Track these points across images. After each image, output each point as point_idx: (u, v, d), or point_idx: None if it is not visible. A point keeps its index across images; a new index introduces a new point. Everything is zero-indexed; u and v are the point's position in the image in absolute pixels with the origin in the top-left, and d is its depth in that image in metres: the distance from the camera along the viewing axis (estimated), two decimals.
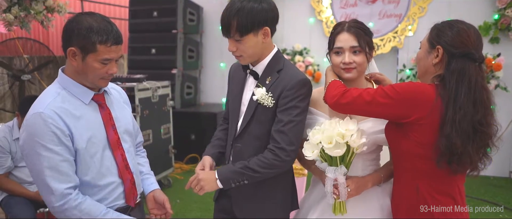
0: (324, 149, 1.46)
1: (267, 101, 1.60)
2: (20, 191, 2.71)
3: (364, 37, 1.59)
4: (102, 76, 1.49)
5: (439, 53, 1.42)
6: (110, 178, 1.54)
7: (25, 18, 3.52)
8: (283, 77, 1.61)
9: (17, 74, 4.40)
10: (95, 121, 1.52)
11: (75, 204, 1.43)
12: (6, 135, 2.74)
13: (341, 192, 1.51)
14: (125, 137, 1.62)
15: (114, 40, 1.45)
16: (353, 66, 1.59)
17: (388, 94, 1.41)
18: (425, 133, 1.40)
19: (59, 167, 1.41)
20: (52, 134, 1.40)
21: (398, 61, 4.66)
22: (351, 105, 1.47)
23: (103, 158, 1.52)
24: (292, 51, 4.96)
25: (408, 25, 4.61)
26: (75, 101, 1.49)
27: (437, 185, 1.45)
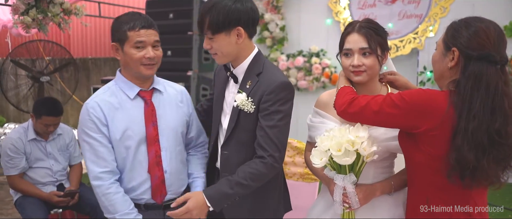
0: (333, 156, 1.39)
1: (247, 107, 1.55)
2: (33, 192, 2.73)
3: (375, 38, 1.49)
4: (141, 62, 1.58)
5: (455, 56, 1.29)
6: (140, 172, 1.62)
7: (42, 20, 3.56)
8: (263, 81, 1.56)
9: (36, 75, 4.48)
10: (136, 115, 1.62)
11: (106, 192, 1.57)
12: (21, 136, 2.77)
13: (352, 201, 1.44)
14: (167, 135, 1.66)
15: (141, 24, 1.56)
16: (363, 69, 1.50)
17: (396, 103, 1.32)
18: (436, 144, 1.29)
19: (96, 151, 1.58)
20: (92, 122, 1.58)
21: (419, 63, 4.52)
22: (358, 114, 1.40)
23: (138, 151, 1.61)
24: (308, 53, 4.88)
25: (429, 26, 4.47)
26: (121, 95, 1.63)
27: (449, 199, 1.34)
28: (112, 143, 1.60)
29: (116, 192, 1.58)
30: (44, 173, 2.83)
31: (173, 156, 1.69)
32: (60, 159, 2.92)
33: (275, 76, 1.56)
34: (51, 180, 2.86)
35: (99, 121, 1.58)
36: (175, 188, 1.71)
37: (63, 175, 2.95)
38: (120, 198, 1.58)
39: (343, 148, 1.37)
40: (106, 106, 1.60)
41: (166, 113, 1.68)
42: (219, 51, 1.56)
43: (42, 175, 2.83)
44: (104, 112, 1.59)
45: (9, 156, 2.71)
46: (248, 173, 1.53)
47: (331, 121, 1.60)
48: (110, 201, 1.57)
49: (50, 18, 3.60)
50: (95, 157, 1.58)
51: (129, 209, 1.59)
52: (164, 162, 1.65)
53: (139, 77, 1.64)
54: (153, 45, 1.60)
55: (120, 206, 1.57)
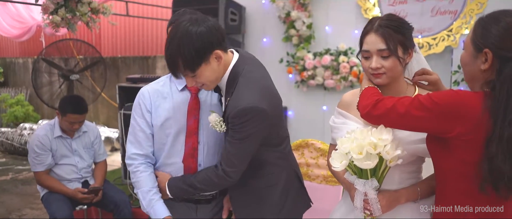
0: (353, 160, 1.30)
1: (218, 127, 1.53)
2: (59, 188, 2.78)
3: (395, 37, 1.37)
4: None
5: (488, 57, 1.17)
6: (176, 160, 1.71)
7: (71, 19, 3.63)
8: (232, 101, 1.48)
9: (66, 74, 4.58)
10: (179, 106, 1.69)
11: (134, 170, 1.71)
12: (48, 133, 2.82)
13: (374, 208, 1.34)
14: (208, 130, 1.69)
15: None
16: (382, 71, 1.40)
17: (425, 106, 1.21)
18: (468, 150, 1.18)
19: (135, 134, 1.72)
20: (139, 107, 1.71)
21: (453, 61, 4.31)
22: (383, 117, 1.30)
23: (176, 140, 1.69)
24: (336, 51, 4.75)
25: (464, 23, 4.25)
26: (172, 86, 1.73)
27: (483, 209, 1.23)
28: (153, 128, 1.71)
29: (144, 170, 1.70)
30: (69, 169, 2.87)
31: (211, 152, 1.73)
32: (85, 156, 2.96)
33: (241, 98, 1.45)
34: (76, 177, 2.90)
35: (145, 107, 1.70)
36: None
37: (88, 172, 2.99)
38: (146, 176, 1.70)
39: (364, 151, 1.28)
40: (154, 94, 1.71)
41: (211, 109, 1.69)
42: (206, 81, 1.50)
43: (68, 171, 2.87)
44: (151, 99, 1.70)
45: (36, 152, 2.76)
46: (202, 177, 1.63)
47: (354, 122, 1.51)
48: (137, 178, 1.70)
49: (79, 17, 3.67)
50: (133, 139, 1.72)
51: (150, 187, 1.69)
52: (200, 155, 1.71)
53: None
54: None
55: (143, 184, 1.69)
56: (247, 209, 1.69)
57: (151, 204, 1.68)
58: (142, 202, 1.70)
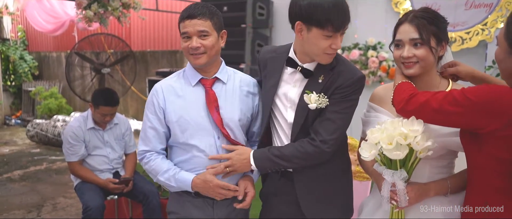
0: (383, 150, 1.29)
1: (322, 104, 1.51)
2: (91, 178, 2.87)
3: (429, 28, 1.38)
4: (189, 52, 1.62)
5: None
6: (193, 154, 1.66)
7: (103, 14, 3.72)
8: (340, 74, 1.51)
9: (98, 67, 4.71)
10: (193, 101, 1.66)
11: (146, 161, 1.69)
12: (81, 125, 2.92)
13: (400, 199, 1.33)
14: (227, 126, 1.67)
15: (186, 15, 1.59)
16: (414, 60, 1.40)
17: (459, 101, 1.19)
18: (502, 146, 1.17)
19: (146, 131, 1.70)
20: (152, 103, 1.69)
21: (487, 56, 4.16)
22: (417, 112, 1.29)
23: (193, 136, 1.64)
24: (364, 45, 4.68)
25: (499, 16, 4.09)
26: (184, 81, 1.70)
27: (511, 204, 1.21)
28: (168, 124, 1.68)
29: (155, 158, 1.68)
30: (101, 160, 2.96)
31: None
32: (116, 148, 3.04)
33: (354, 69, 1.56)
34: (108, 168, 2.99)
35: (157, 104, 1.67)
36: (229, 179, 1.67)
37: (119, 163, 3.07)
38: (159, 161, 1.68)
39: (394, 141, 1.27)
40: (167, 90, 1.68)
41: (226, 103, 1.68)
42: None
43: (99, 162, 2.96)
44: (164, 95, 1.67)
45: (70, 143, 2.86)
46: (293, 148, 1.55)
47: (386, 116, 1.50)
48: (151, 166, 1.68)
49: (110, 12, 3.76)
50: (144, 136, 1.71)
51: (167, 167, 1.66)
52: (219, 150, 1.66)
53: (195, 67, 1.68)
54: (199, 35, 1.59)
55: (159, 167, 1.67)
56: (318, 204, 1.64)
57: (175, 177, 1.63)
58: (166, 183, 1.65)
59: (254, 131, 1.80)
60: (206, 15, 1.58)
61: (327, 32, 1.42)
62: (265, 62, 1.69)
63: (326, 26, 1.41)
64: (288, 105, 1.60)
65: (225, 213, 1.71)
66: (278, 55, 1.64)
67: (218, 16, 1.64)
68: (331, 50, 1.47)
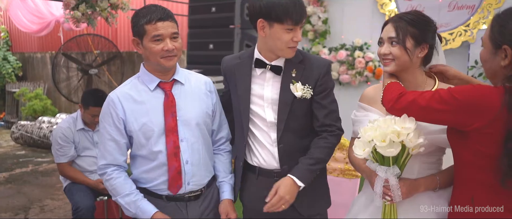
0: (377, 147, 1.33)
1: (307, 94, 1.60)
2: (81, 179, 2.86)
3: (407, 29, 1.45)
4: (161, 55, 1.58)
5: (508, 53, 1.20)
6: (160, 160, 1.63)
7: (91, 15, 3.72)
8: (311, 66, 1.62)
9: (85, 68, 4.68)
10: (155, 107, 1.63)
11: (107, 178, 1.64)
12: (71, 126, 2.90)
13: (394, 195, 1.38)
14: (187, 126, 1.65)
15: (158, 17, 1.55)
16: (390, 58, 1.49)
17: (444, 100, 1.25)
18: (486, 143, 1.21)
19: (105, 144, 1.64)
20: (109, 115, 1.62)
21: (470, 57, 4.28)
22: (405, 110, 1.34)
23: (158, 142, 1.62)
24: (351, 46, 4.75)
25: (481, 18, 4.21)
26: (142, 87, 1.65)
27: (495, 200, 1.25)
28: (130, 134, 1.63)
29: (117, 177, 1.63)
30: (91, 161, 2.95)
31: (195, 147, 1.68)
32: None
33: (321, 59, 1.70)
34: None
35: (116, 115, 1.61)
36: (198, 179, 1.70)
37: None
38: (121, 181, 1.63)
39: (387, 139, 1.32)
40: (125, 98, 1.62)
41: (187, 104, 1.67)
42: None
43: (89, 163, 2.95)
44: (123, 105, 1.62)
45: (59, 144, 2.84)
46: (324, 148, 1.63)
47: (376, 115, 1.56)
48: (112, 185, 1.63)
49: (99, 12, 3.75)
50: (103, 150, 1.65)
51: (130, 191, 1.62)
52: (184, 153, 1.65)
53: (160, 69, 1.64)
54: (171, 37, 1.58)
55: (121, 189, 1.62)
56: (309, 199, 1.70)
57: (136, 204, 1.60)
58: (125, 207, 1.62)
59: (213, 130, 1.81)
60: (173, 18, 1.61)
61: (287, 25, 1.52)
62: (231, 69, 1.72)
63: (286, 20, 1.51)
64: (265, 105, 1.65)
65: (198, 213, 1.73)
66: (243, 60, 1.69)
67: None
68: (292, 43, 1.56)
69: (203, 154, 1.72)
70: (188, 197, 1.69)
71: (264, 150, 1.68)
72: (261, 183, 1.71)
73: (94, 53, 5.40)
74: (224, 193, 1.78)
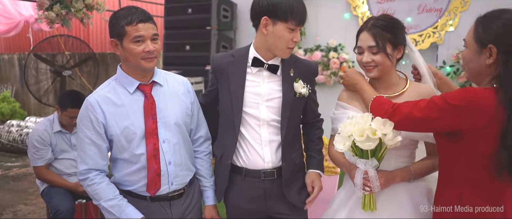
0: (356, 142, 1.42)
1: (307, 92, 1.70)
2: (60, 182, 2.81)
3: (384, 35, 1.54)
4: (141, 56, 1.57)
5: (493, 52, 1.26)
6: (141, 163, 1.63)
7: (66, 15, 3.65)
8: (303, 66, 1.74)
9: (58, 70, 4.58)
10: (136, 109, 1.62)
11: (90, 183, 1.61)
12: (47, 128, 2.85)
13: (373, 185, 1.47)
14: (168, 128, 1.66)
15: (139, 18, 1.56)
16: (373, 65, 1.58)
17: (441, 107, 1.28)
18: (482, 142, 1.26)
19: (85, 149, 1.61)
20: (89, 119, 1.59)
21: (438, 57, 4.47)
22: (403, 122, 1.38)
23: (140, 144, 1.62)
24: (326, 47, 4.87)
25: (449, 20, 4.41)
26: (121, 90, 1.63)
27: (483, 197, 1.33)
28: (111, 138, 1.62)
29: (100, 182, 1.61)
30: (69, 164, 2.91)
31: (177, 148, 1.69)
32: None
33: (310, 61, 1.85)
34: (76, 171, 2.91)
35: (96, 119, 1.59)
36: (181, 178, 1.72)
37: None
38: (104, 186, 1.61)
39: (365, 134, 1.40)
40: (105, 102, 1.60)
41: (167, 106, 1.68)
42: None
43: (67, 166, 2.90)
44: (102, 108, 1.59)
45: (36, 147, 2.79)
46: (320, 138, 1.86)
47: (354, 112, 1.64)
48: (95, 190, 1.61)
49: (73, 13, 3.69)
50: (83, 154, 1.62)
51: (114, 195, 1.61)
52: (167, 154, 1.66)
53: (139, 71, 1.63)
54: (152, 38, 1.59)
55: (104, 193, 1.60)
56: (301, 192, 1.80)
57: (121, 209, 1.60)
58: (109, 211, 1.60)
59: (191, 129, 1.82)
60: (153, 20, 1.62)
61: (291, 25, 1.58)
62: (223, 67, 1.73)
63: (290, 19, 1.57)
64: (260, 102, 1.69)
65: (181, 211, 1.75)
66: (237, 58, 1.72)
67: None
68: (292, 44, 1.62)
69: (184, 154, 1.74)
70: (172, 196, 1.71)
71: (253, 151, 1.71)
72: (248, 184, 1.74)
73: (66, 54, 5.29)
74: (208, 198, 1.83)
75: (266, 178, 1.71)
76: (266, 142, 1.70)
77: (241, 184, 1.75)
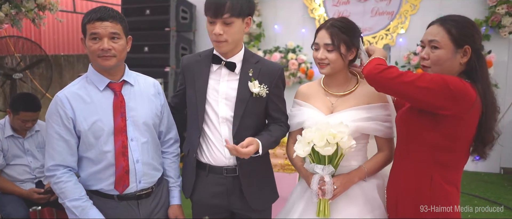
0: (315, 147, 1.49)
1: (263, 92, 1.70)
2: (12, 189, 2.69)
3: (340, 36, 1.62)
4: (97, 54, 1.58)
5: (468, 52, 1.46)
6: (108, 160, 1.63)
7: (16, 16, 3.49)
8: (266, 68, 1.74)
9: (8, 73, 4.37)
10: (105, 107, 1.63)
11: (57, 181, 1.59)
12: None
13: (327, 189, 1.54)
14: (137, 126, 1.67)
15: (97, 16, 1.57)
16: (326, 63, 1.66)
17: (433, 80, 1.39)
18: (461, 126, 1.43)
19: (53, 144, 1.60)
20: (57, 115, 1.59)
21: (390, 58, 4.69)
22: (390, 81, 1.45)
23: (107, 141, 1.62)
24: (285, 49, 4.97)
25: (400, 23, 4.64)
26: (91, 88, 1.64)
27: (449, 176, 1.49)
28: (80, 134, 1.61)
29: (67, 180, 1.59)
30: (22, 170, 2.79)
31: (145, 147, 1.70)
32: (39, 156, 2.88)
33: (274, 63, 1.83)
34: (30, 177, 2.82)
35: (65, 114, 1.59)
36: (149, 177, 1.72)
37: (42, 172, 2.91)
38: (71, 185, 1.59)
39: (324, 139, 1.48)
40: (74, 99, 1.61)
41: (137, 105, 1.69)
42: (231, 38, 1.63)
43: (20, 172, 2.78)
44: (71, 104, 1.60)
45: None
46: (280, 131, 1.79)
47: (310, 109, 1.73)
48: (61, 189, 1.59)
49: (24, 13, 3.53)
50: (52, 150, 1.61)
51: (79, 195, 1.60)
52: (134, 152, 1.66)
53: (105, 69, 1.64)
54: (111, 37, 1.59)
55: (70, 193, 1.59)
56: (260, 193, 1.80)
57: (84, 212, 1.58)
58: (71, 210, 1.58)
59: (162, 131, 1.84)
60: (117, 19, 1.61)
61: (209, 18, 1.63)
62: (191, 66, 1.78)
63: (207, 13, 1.63)
64: (218, 99, 1.72)
65: (148, 211, 1.74)
66: (202, 58, 1.77)
67: (125, 22, 1.68)
68: (215, 37, 1.63)
69: (153, 153, 1.75)
70: (139, 195, 1.71)
71: (214, 148, 1.74)
72: (212, 180, 1.77)
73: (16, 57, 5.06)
74: (173, 198, 1.84)
75: (228, 174, 1.73)
76: (231, 139, 1.72)
77: (205, 180, 1.78)
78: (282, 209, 1.83)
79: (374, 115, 1.65)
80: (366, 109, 1.65)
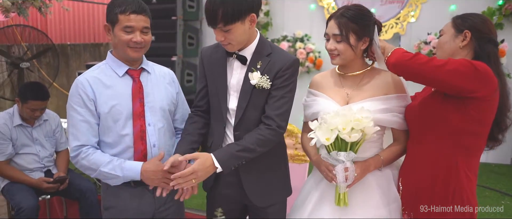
0: (340, 134, 1.46)
1: (265, 84, 1.62)
2: (22, 178, 2.70)
3: (350, 25, 1.58)
4: (128, 44, 1.64)
5: (467, 36, 1.53)
6: (127, 143, 1.68)
7: (22, 4, 3.47)
8: (276, 60, 1.64)
9: (16, 62, 4.35)
10: (123, 92, 1.69)
11: (84, 156, 1.64)
12: (7, 122, 2.73)
13: (350, 176, 1.52)
14: (154, 112, 1.73)
15: (132, 9, 1.61)
16: (336, 53, 1.63)
17: (463, 64, 1.40)
18: (486, 110, 1.46)
19: (77, 125, 1.65)
20: (79, 96, 1.65)
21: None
22: (423, 66, 1.43)
23: (125, 125, 1.68)
24: (293, 38, 4.91)
25: (410, 11, 4.56)
26: (111, 73, 1.71)
27: (471, 164, 1.53)
28: (100, 116, 1.67)
29: (94, 152, 1.65)
30: (31, 159, 2.80)
31: (162, 132, 1.75)
32: (47, 145, 2.89)
33: (288, 54, 1.69)
34: (39, 166, 2.83)
35: (86, 96, 1.65)
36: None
37: (50, 161, 2.92)
38: (99, 154, 1.66)
39: (350, 126, 1.45)
40: (95, 82, 1.67)
41: (154, 91, 1.75)
42: (234, 40, 1.58)
43: (29, 161, 2.79)
44: (92, 87, 1.66)
45: None
46: (254, 138, 1.60)
47: (324, 99, 1.69)
48: (91, 160, 1.64)
49: (30, 1, 3.51)
50: (75, 131, 1.66)
51: (110, 158, 1.65)
52: (151, 137, 1.72)
53: (127, 59, 1.71)
54: (142, 31, 1.65)
55: (101, 160, 1.64)
56: (264, 189, 1.73)
57: (121, 166, 1.63)
58: (111, 174, 1.62)
59: (177, 119, 1.88)
60: (148, 13, 1.68)
61: (211, 27, 1.59)
62: (209, 57, 1.76)
63: (208, 24, 1.59)
64: (230, 92, 1.70)
65: (163, 198, 1.74)
66: (219, 49, 1.74)
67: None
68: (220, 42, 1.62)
69: (168, 139, 1.80)
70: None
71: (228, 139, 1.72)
72: None
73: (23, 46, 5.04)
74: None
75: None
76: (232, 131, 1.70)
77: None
78: (295, 200, 1.81)
79: (391, 106, 1.61)
80: (383, 100, 1.61)
